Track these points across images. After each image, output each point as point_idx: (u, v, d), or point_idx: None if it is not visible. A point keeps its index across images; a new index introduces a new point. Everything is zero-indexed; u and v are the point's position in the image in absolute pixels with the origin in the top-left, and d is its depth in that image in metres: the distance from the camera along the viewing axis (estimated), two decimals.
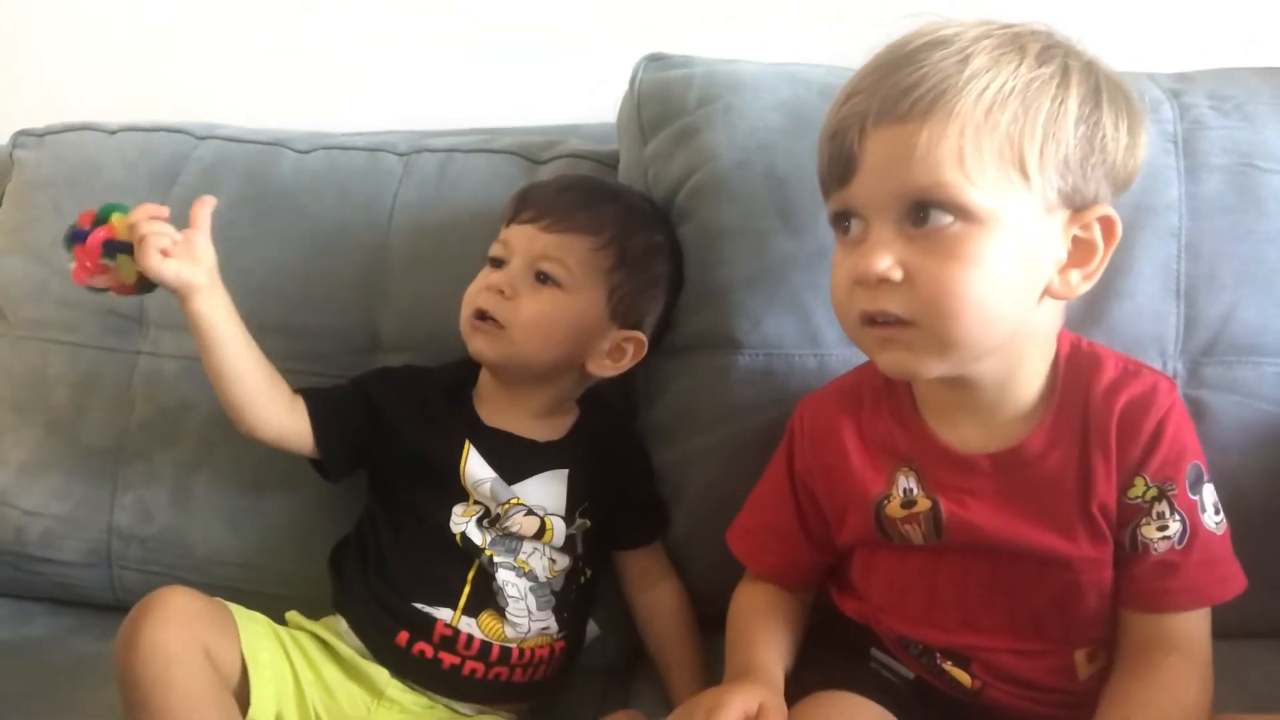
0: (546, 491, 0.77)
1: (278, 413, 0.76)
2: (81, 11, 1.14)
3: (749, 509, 0.74)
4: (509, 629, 0.75)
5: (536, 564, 0.77)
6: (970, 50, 0.54)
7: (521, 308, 0.75)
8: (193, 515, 0.89)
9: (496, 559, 0.76)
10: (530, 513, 0.77)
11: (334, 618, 0.78)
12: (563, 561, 0.78)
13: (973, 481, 0.61)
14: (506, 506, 0.76)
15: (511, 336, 0.75)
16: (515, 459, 0.77)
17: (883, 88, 0.55)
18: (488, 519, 0.77)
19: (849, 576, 0.70)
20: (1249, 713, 0.63)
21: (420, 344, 0.86)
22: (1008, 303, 0.56)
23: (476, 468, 0.76)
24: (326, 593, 0.80)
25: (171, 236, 0.70)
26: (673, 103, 0.83)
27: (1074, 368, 0.62)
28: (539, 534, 0.77)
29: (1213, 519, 0.60)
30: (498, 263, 0.78)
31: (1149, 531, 0.59)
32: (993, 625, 0.62)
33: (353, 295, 0.89)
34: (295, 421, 0.77)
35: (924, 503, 0.62)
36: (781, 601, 0.70)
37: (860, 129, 0.56)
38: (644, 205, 0.82)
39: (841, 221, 0.60)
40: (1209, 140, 0.76)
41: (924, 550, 0.63)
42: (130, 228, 0.70)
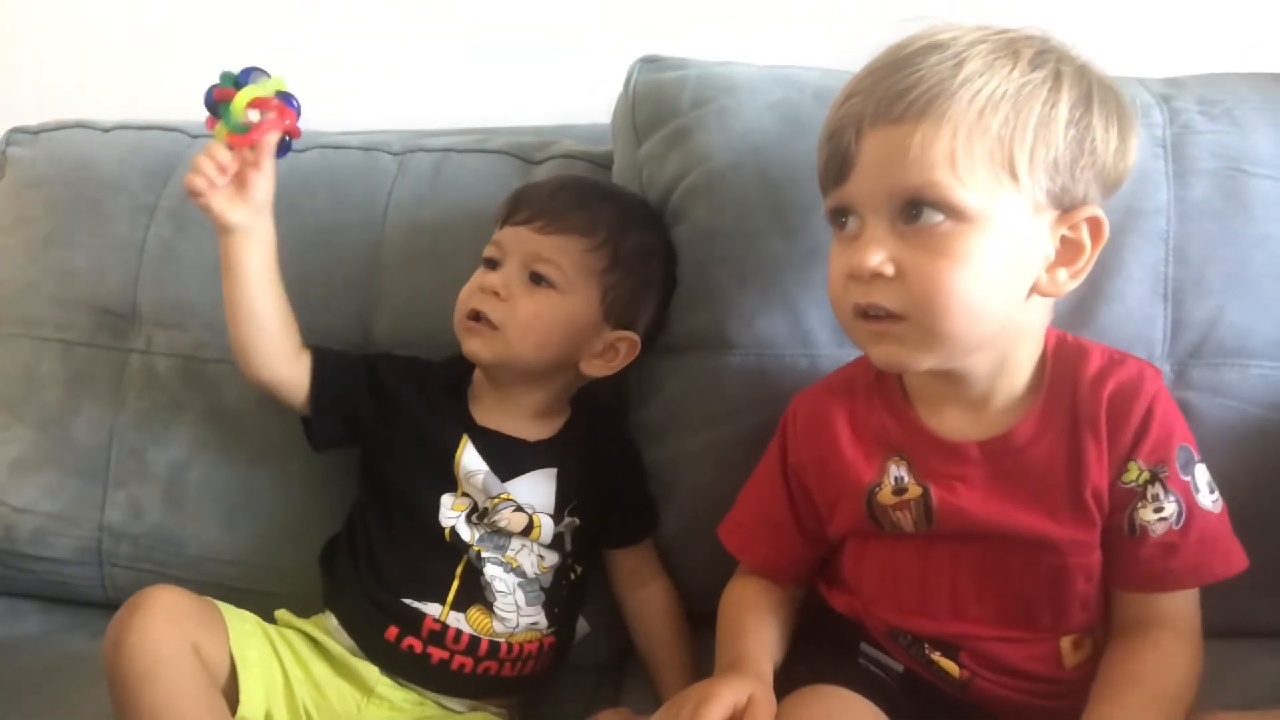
0: (535, 490, 0.78)
1: (281, 359, 0.77)
2: (78, 10, 1.14)
3: (741, 503, 0.74)
4: (497, 624, 0.76)
5: (525, 560, 0.77)
6: (965, 55, 0.56)
7: (516, 309, 0.75)
8: (184, 513, 0.89)
9: (485, 554, 0.76)
10: (519, 509, 0.77)
11: (324, 615, 0.78)
12: (551, 558, 0.78)
13: (963, 469, 0.62)
14: (496, 501, 0.77)
15: (506, 337, 0.76)
16: (507, 458, 0.78)
17: (879, 90, 0.57)
18: (476, 514, 0.77)
19: (839, 571, 0.70)
20: (1239, 710, 0.64)
21: (414, 342, 0.86)
22: (996, 299, 0.58)
23: (471, 460, 0.77)
24: (317, 590, 0.80)
25: (210, 176, 0.72)
26: (667, 104, 0.83)
27: (1061, 359, 0.63)
28: (526, 530, 0.77)
29: (1208, 498, 0.61)
30: (492, 263, 0.78)
31: (1145, 514, 0.60)
32: (982, 613, 0.63)
33: (347, 293, 0.89)
34: (296, 372, 0.78)
35: (915, 489, 0.63)
36: (771, 597, 0.71)
37: (857, 129, 0.58)
38: (638, 206, 0.82)
39: (838, 218, 0.62)
40: (1198, 145, 0.76)
41: (915, 538, 0.64)
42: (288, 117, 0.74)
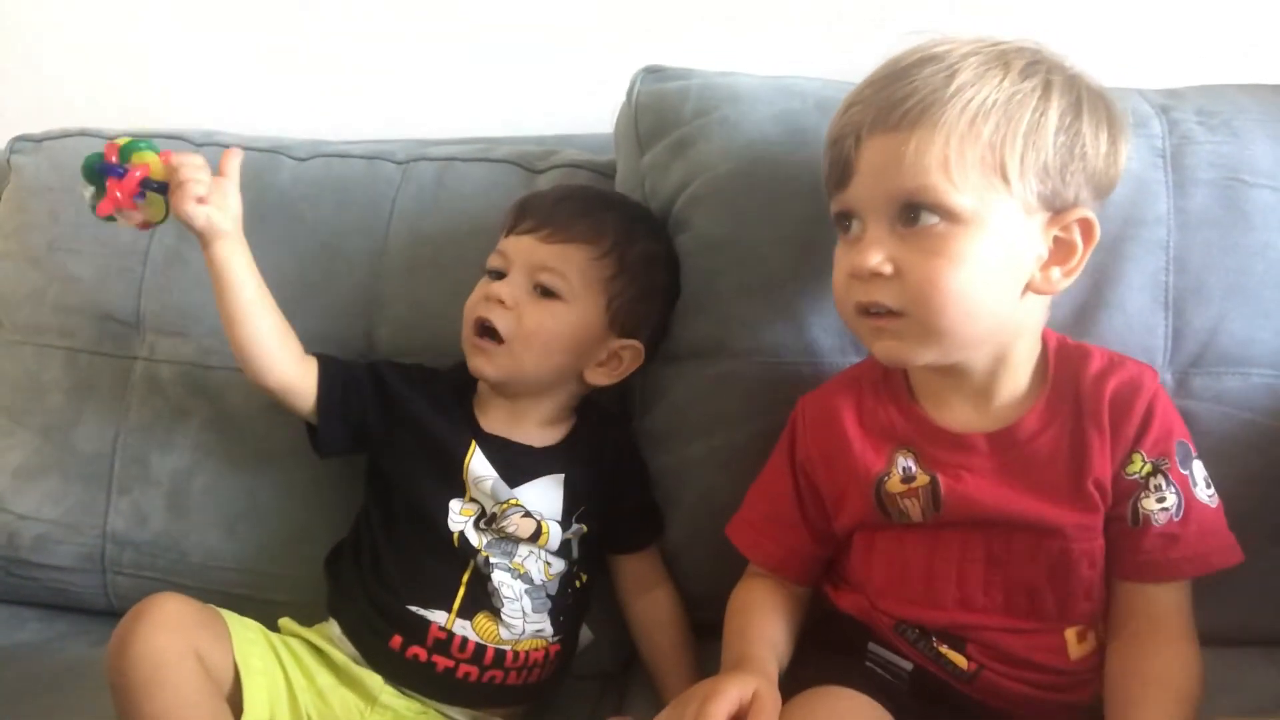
0: (544, 496, 0.78)
1: (286, 362, 0.77)
2: (80, 16, 1.14)
3: (749, 503, 0.75)
4: (504, 630, 0.76)
5: (532, 567, 0.77)
6: (957, 66, 0.60)
7: (523, 320, 0.76)
8: (188, 520, 0.89)
9: (493, 560, 0.76)
10: (527, 515, 0.77)
11: (327, 624, 0.78)
12: (558, 565, 0.78)
13: (970, 459, 0.65)
14: (504, 507, 0.76)
15: (511, 349, 0.76)
16: (515, 464, 0.78)
17: (877, 100, 0.61)
18: (484, 519, 0.77)
19: (845, 569, 0.71)
20: (1243, 716, 0.65)
21: (417, 351, 0.86)
22: (990, 296, 0.61)
23: (479, 466, 0.77)
24: (321, 598, 0.80)
25: (207, 185, 0.73)
26: (669, 114, 0.84)
27: (1063, 359, 0.66)
28: (535, 537, 0.77)
29: (1205, 492, 0.64)
30: (496, 274, 0.79)
31: (1149, 504, 0.62)
32: (988, 603, 0.64)
33: (350, 302, 0.89)
34: (302, 376, 0.78)
35: (923, 478, 0.65)
36: (778, 599, 0.71)
37: (857, 137, 0.62)
38: (641, 214, 0.83)
39: (842, 221, 0.65)
40: (1197, 155, 0.77)
41: (923, 528, 0.65)
42: (167, 169, 0.73)
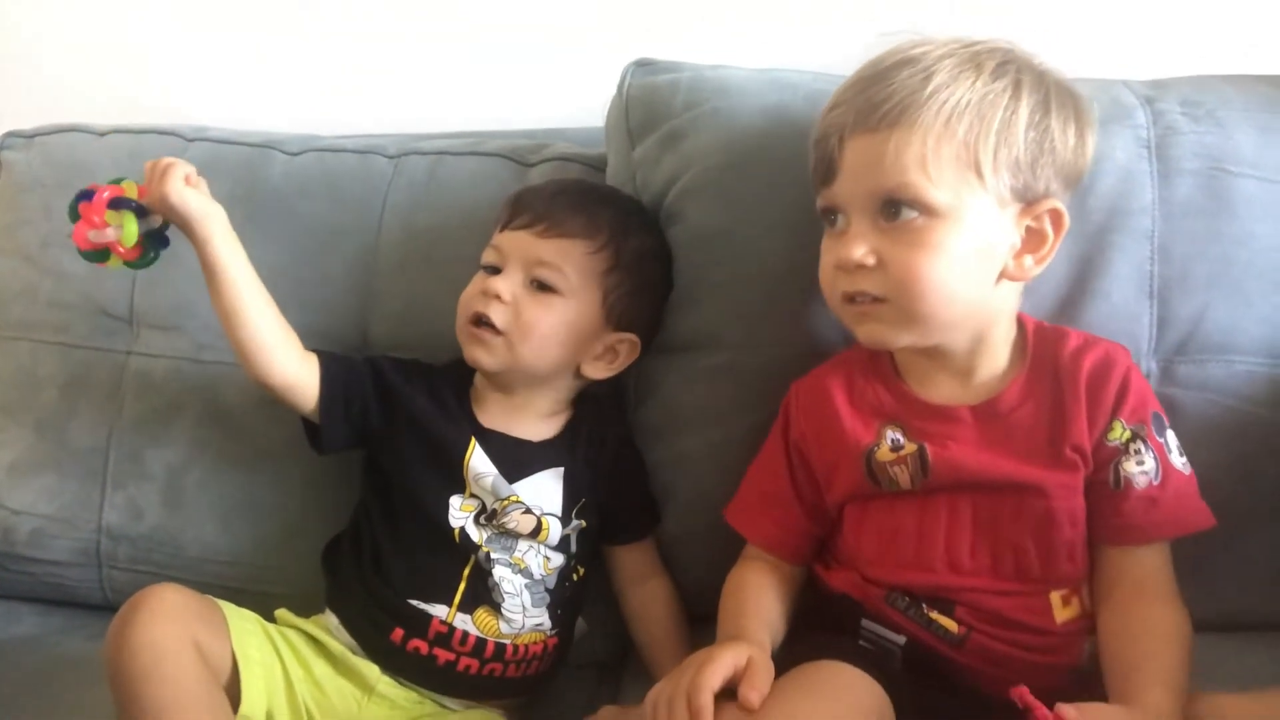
0: (544, 490, 0.78)
1: (289, 359, 0.76)
2: (74, 12, 1.14)
3: (745, 486, 0.76)
4: (504, 625, 0.76)
5: (532, 561, 0.77)
6: (933, 69, 0.63)
7: (520, 315, 0.76)
8: (183, 514, 0.89)
9: (494, 555, 0.76)
10: (528, 511, 0.77)
11: (324, 615, 0.79)
12: (557, 560, 0.79)
13: (955, 429, 0.68)
14: (505, 503, 0.77)
15: (510, 342, 0.76)
16: (514, 459, 0.78)
17: (858, 102, 0.65)
18: (484, 515, 0.77)
19: (837, 547, 0.72)
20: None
21: (411, 345, 0.87)
22: (966, 283, 0.65)
23: (479, 462, 0.77)
24: (317, 590, 0.80)
25: (191, 172, 0.73)
26: (660, 107, 0.84)
27: (1041, 339, 0.70)
28: (535, 532, 0.77)
29: (1179, 460, 0.67)
30: (492, 269, 0.79)
31: (1129, 467, 0.65)
32: (976, 565, 0.66)
33: (343, 297, 0.89)
34: (305, 373, 0.77)
35: (910, 446, 0.68)
36: (773, 579, 0.72)
37: (840, 137, 0.65)
38: (635, 208, 0.83)
39: (828, 215, 0.69)
40: (1181, 145, 0.78)
41: (912, 496, 0.68)
42: (140, 191, 0.73)
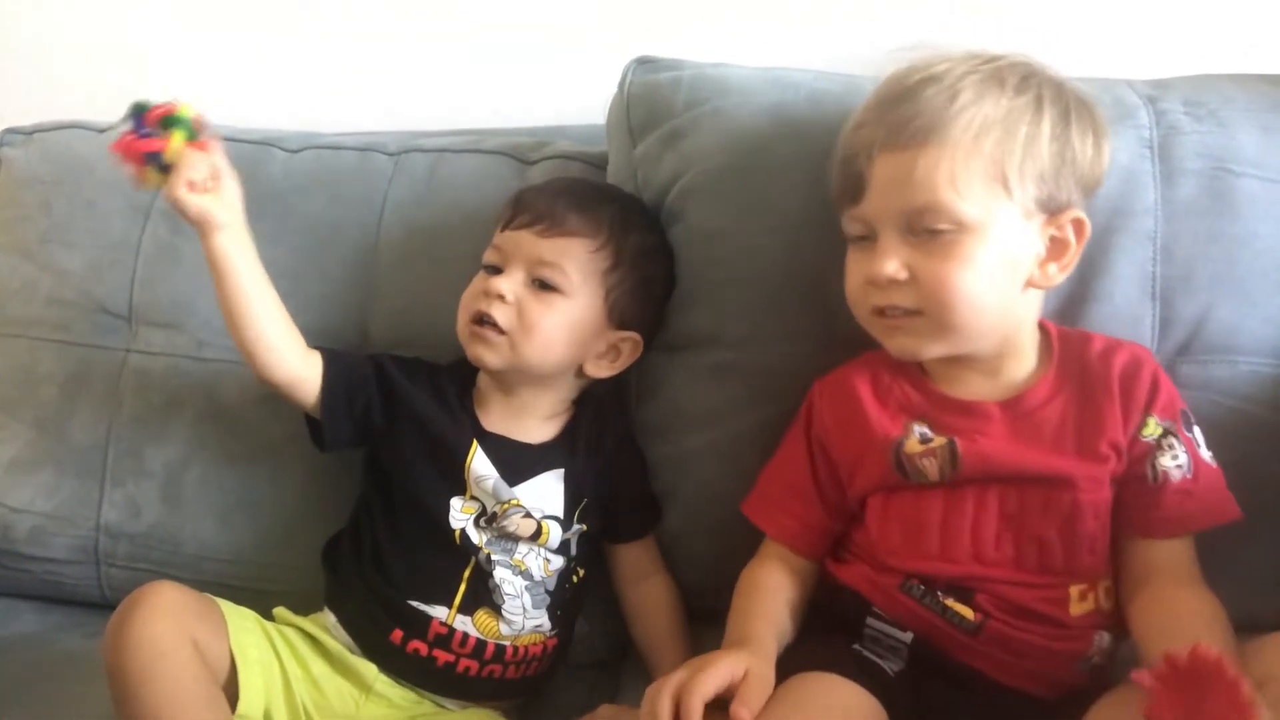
0: (544, 493, 0.78)
1: (293, 357, 0.77)
2: (73, 9, 1.14)
3: (764, 479, 0.77)
4: (504, 626, 0.76)
5: (532, 563, 0.77)
6: (958, 86, 0.65)
7: (523, 315, 0.75)
8: (182, 512, 0.89)
9: (494, 557, 0.76)
10: (528, 515, 0.77)
11: (322, 613, 0.78)
12: (557, 562, 0.79)
13: (984, 425, 0.69)
14: (505, 507, 0.77)
15: (513, 342, 0.76)
16: (514, 462, 0.78)
17: (886, 120, 0.66)
18: (484, 518, 0.77)
19: (852, 540, 0.73)
20: None
21: (410, 343, 0.86)
22: (995, 293, 0.66)
23: (481, 465, 0.77)
24: (315, 589, 0.80)
25: (204, 173, 0.73)
26: (661, 105, 0.84)
27: (1066, 341, 0.72)
28: (535, 536, 0.77)
29: (1206, 454, 0.69)
30: (493, 269, 0.78)
31: (1165, 461, 0.67)
32: (1000, 557, 0.67)
33: (343, 294, 0.89)
34: (309, 370, 0.77)
35: (940, 440, 0.69)
36: (785, 579, 0.73)
37: (869, 156, 0.67)
38: (637, 206, 0.83)
39: (854, 231, 0.70)
40: (1184, 145, 0.77)
41: (940, 487, 0.68)
42: (179, 155, 0.72)
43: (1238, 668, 0.51)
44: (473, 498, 0.77)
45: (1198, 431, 0.69)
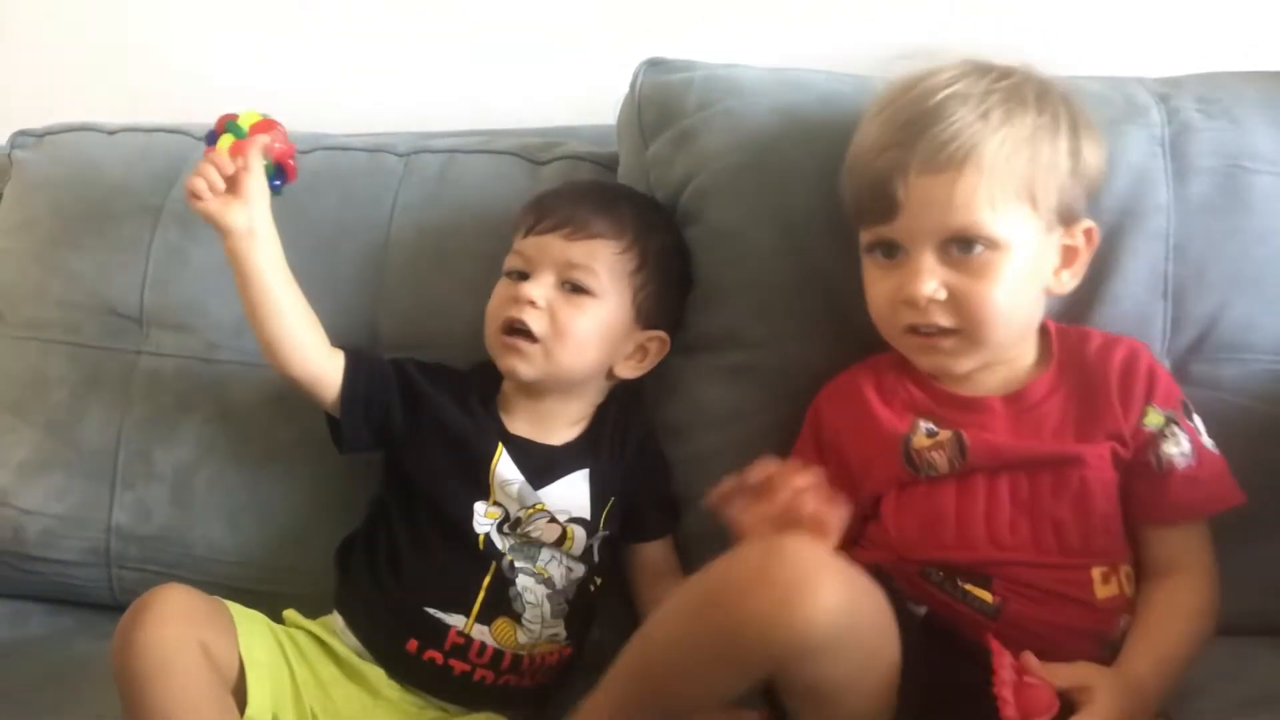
0: (570, 495, 0.77)
1: (313, 355, 0.77)
2: (81, 11, 1.14)
3: None
4: (522, 635, 0.75)
5: (555, 571, 0.77)
6: (986, 105, 0.67)
7: (556, 319, 0.75)
8: (192, 514, 0.89)
9: (517, 564, 0.76)
10: (553, 520, 0.76)
11: (332, 616, 0.78)
12: (578, 570, 0.78)
13: (987, 418, 0.71)
14: (530, 511, 0.76)
15: (547, 349, 0.75)
16: (540, 464, 0.77)
17: (920, 143, 0.67)
18: (508, 523, 0.76)
19: (869, 535, 0.72)
20: (1239, 714, 0.67)
21: (420, 343, 0.86)
22: (1022, 305, 0.70)
23: (506, 469, 0.77)
24: (326, 592, 0.80)
25: (212, 181, 0.74)
26: (673, 106, 0.84)
27: (1065, 339, 0.74)
28: (559, 541, 0.77)
29: (1208, 441, 0.70)
30: (518, 275, 0.78)
31: (1169, 448, 0.68)
32: (1016, 541, 0.68)
33: (353, 295, 0.89)
34: (328, 369, 0.77)
35: (946, 433, 0.70)
36: None
37: (904, 178, 0.67)
38: (655, 207, 0.83)
39: (879, 248, 0.71)
40: (1197, 143, 0.78)
41: (950, 478, 0.69)
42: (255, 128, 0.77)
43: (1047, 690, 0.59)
44: (496, 503, 0.76)
45: (1198, 420, 0.71)
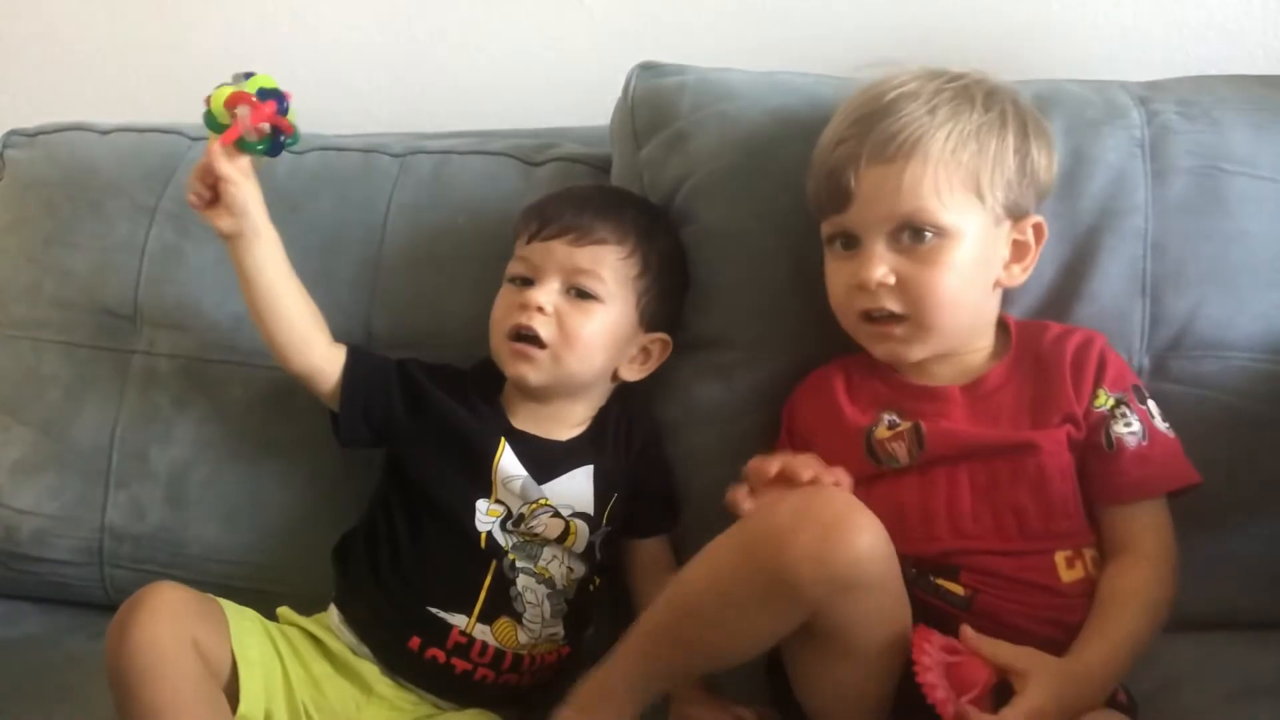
0: (574, 489, 0.78)
1: (312, 351, 0.79)
2: (75, 11, 1.14)
3: None
4: (523, 634, 0.75)
5: (555, 571, 0.77)
6: (935, 102, 0.71)
7: (564, 325, 0.76)
8: (186, 513, 0.89)
9: (519, 564, 0.76)
10: (556, 514, 0.77)
11: (327, 613, 0.78)
12: (579, 570, 0.78)
13: (946, 406, 0.74)
14: (533, 507, 0.76)
15: (555, 355, 0.76)
16: (543, 460, 0.78)
17: (870, 135, 0.70)
18: (511, 521, 0.77)
19: None
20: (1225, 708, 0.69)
21: (415, 344, 0.87)
22: (971, 294, 0.72)
23: (509, 464, 0.77)
24: (320, 590, 0.80)
25: (198, 192, 0.76)
26: (666, 109, 0.86)
27: (1024, 331, 0.77)
28: (562, 538, 0.77)
29: (1162, 424, 0.72)
30: (522, 281, 0.78)
31: (1119, 428, 0.70)
32: (978, 529, 0.70)
33: (348, 296, 0.89)
34: (329, 365, 0.79)
35: (906, 424, 0.73)
36: None
37: (855, 168, 0.71)
38: (654, 210, 0.84)
39: (837, 239, 0.74)
40: (1176, 144, 0.79)
41: (911, 472, 0.72)
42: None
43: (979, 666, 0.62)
44: (499, 500, 0.77)
45: (1153, 405, 0.72)
